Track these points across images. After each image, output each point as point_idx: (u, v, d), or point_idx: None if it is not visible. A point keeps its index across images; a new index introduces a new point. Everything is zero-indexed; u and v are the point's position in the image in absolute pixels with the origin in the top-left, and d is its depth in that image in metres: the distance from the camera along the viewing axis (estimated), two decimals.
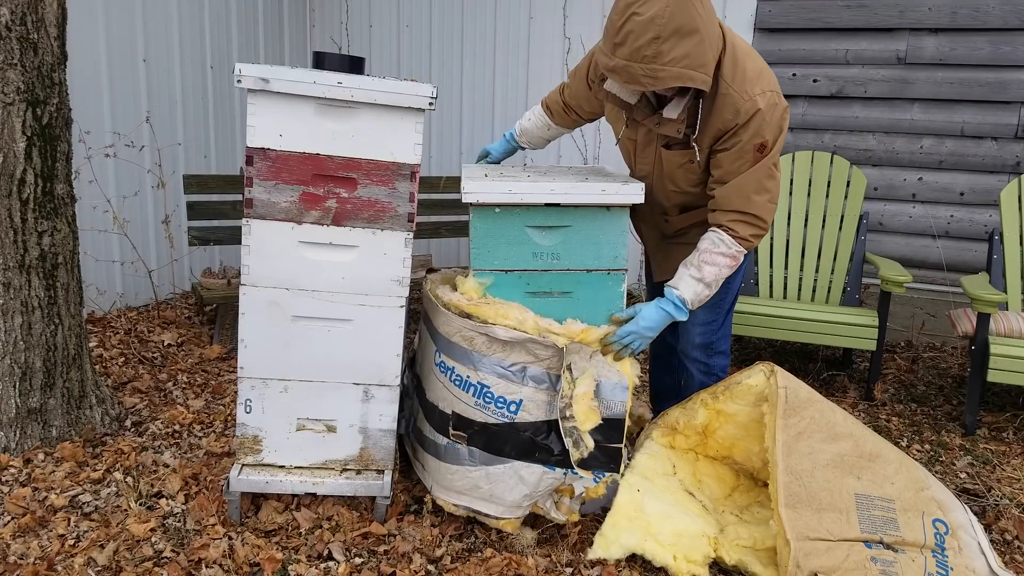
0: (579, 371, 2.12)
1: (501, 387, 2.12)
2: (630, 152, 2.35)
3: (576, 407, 2.10)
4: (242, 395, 2.21)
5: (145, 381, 3.23)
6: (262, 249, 2.12)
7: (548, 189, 2.13)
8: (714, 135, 2.06)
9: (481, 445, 2.16)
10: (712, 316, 2.41)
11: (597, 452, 2.14)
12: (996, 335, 3.18)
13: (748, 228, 2.09)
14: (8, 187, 2.41)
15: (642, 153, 2.28)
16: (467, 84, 4.95)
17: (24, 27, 2.35)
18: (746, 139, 2.02)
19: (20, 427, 2.56)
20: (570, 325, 2.16)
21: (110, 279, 4.02)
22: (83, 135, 3.69)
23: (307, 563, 2.10)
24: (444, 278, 2.44)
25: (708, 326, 2.42)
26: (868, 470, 2.10)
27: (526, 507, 2.21)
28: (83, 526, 2.22)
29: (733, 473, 2.42)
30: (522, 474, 2.16)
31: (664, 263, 2.46)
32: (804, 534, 1.95)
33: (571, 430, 2.11)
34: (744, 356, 3.97)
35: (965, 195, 4.15)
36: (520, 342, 2.08)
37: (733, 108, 2.00)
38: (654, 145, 2.22)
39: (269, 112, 2.04)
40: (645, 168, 2.30)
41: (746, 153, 2.03)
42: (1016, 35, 3.91)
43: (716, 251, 2.11)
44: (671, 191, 2.28)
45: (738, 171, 2.06)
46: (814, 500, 2.01)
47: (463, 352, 2.14)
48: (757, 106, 1.99)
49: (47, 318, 2.57)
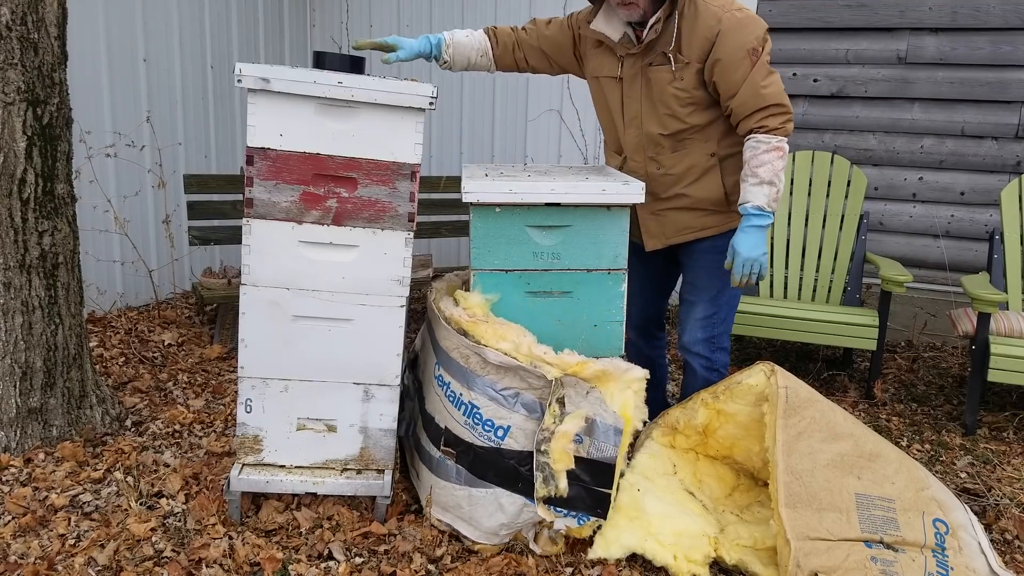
0: (573, 407, 2.05)
1: (491, 410, 2.08)
2: (615, 97, 2.41)
3: (554, 443, 2.03)
4: (242, 395, 2.21)
5: (145, 381, 3.23)
6: (262, 249, 2.13)
7: (548, 188, 2.13)
8: (700, 47, 2.20)
9: (467, 465, 2.13)
10: (713, 309, 2.45)
11: (583, 493, 2.08)
12: (996, 335, 3.18)
13: (774, 119, 2.20)
14: (8, 187, 2.41)
15: (629, 89, 2.36)
16: (467, 84, 4.95)
17: (24, 27, 2.35)
18: (735, 47, 2.17)
19: (20, 427, 2.56)
20: (565, 356, 2.09)
21: (110, 279, 4.02)
22: (83, 135, 3.70)
23: (307, 563, 2.10)
24: (449, 286, 2.42)
25: (710, 319, 2.45)
26: (868, 470, 2.10)
27: (504, 535, 2.16)
28: (83, 526, 2.22)
29: (733, 473, 2.42)
30: (502, 502, 2.11)
31: (656, 228, 2.46)
32: (804, 534, 1.95)
33: (544, 465, 2.04)
34: (744, 356, 3.97)
35: (965, 195, 4.15)
36: (511, 368, 2.04)
37: (714, 16, 2.18)
38: (639, 75, 2.32)
39: (269, 112, 2.04)
40: (633, 103, 2.36)
41: (740, 61, 2.17)
42: (1017, 35, 3.91)
43: (759, 153, 2.20)
44: (663, 115, 2.32)
45: (740, 79, 2.19)
46: (814, 500, 2.01)
47: (459, 369, 2.12)
48: (736, 17, 2.18)
49: (47, 318, 2.57)
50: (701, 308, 2.45)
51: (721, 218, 2.42)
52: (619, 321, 2.26)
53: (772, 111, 2.20)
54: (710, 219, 2.42)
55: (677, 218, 2.43)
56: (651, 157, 2.39)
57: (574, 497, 2.08)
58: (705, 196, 2.39)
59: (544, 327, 2.22)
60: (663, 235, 2.46)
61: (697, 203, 2.40)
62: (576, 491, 2.08)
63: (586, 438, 2.07)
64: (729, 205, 2.40)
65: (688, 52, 2.21)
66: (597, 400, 2.07)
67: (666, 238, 2.46)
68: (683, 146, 2.35)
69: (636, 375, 2.10)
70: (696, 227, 2.43)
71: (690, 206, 2.41)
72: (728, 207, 2.40)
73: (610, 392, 2.08)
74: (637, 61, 2.31)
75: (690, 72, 2.23)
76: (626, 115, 2.40)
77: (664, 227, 2.45)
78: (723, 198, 2.39)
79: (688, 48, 2.21)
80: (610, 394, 2.08)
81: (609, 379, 2.08)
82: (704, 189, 2.38)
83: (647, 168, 2.41)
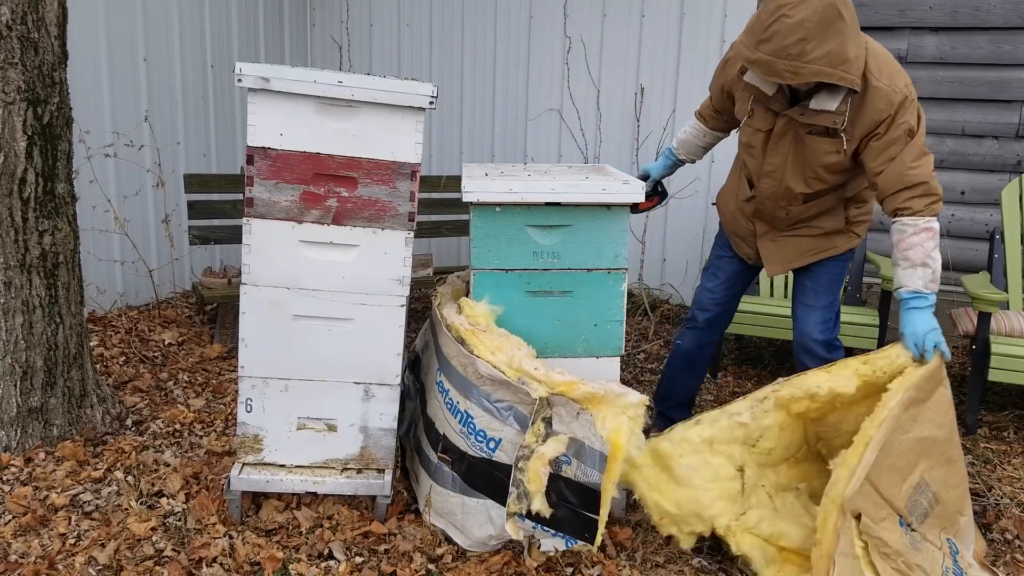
0: (563, 426, 1.99)
1: (483, 421, 2.07)
2: (758, 143, 2.37)
3: (531, 463, 1.97)
4: (243, 394, 2.21)
5: (146, 380, 3.23)
6: (263, 248, 2.12)
7: (549, 188, 2.13)
8: (867, 126, 2.16)
9: (461, 473, 2.13)
10: (829, 314, 2.50)
11: (571, 516, 2.05)
12: (997, 334, 3.18)
13: (920, 200, 2.14)
14: (9, 186, 2.41)
15: (776, 142, 2.33)
16: (467, 84, 4.95)
17: (25, 26, 2.35)
18: (897, 127, 2.14)
19: (21, 426, 2.56)
20: (554, 375, 2.01)
21: (111, 278, 4.02)
22: (83, 135, 3.69)
23: (308, 562, 2.10)
24: (454, 291, 2.42)
25: (827, 323, 2.49)
26: (941, 468, 2.14)
27: (493, 546, 2.16)
28: (84, 525, 2.22)
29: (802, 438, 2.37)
30: (492, 514, 2.10)
31: (775, 254, 2.51)
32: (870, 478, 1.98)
33: (519, 481, 1.98)
34: (744, 355, 3.97)
35: (966, 194, 4.15)
36: (501, 381, 2.02)
37: (886, 99, 2.12)
38: (791, 134, 2.28)
39: (270, 111, 2.04)
40: (776, 159, 2.34)
41: (898, 140, 2.14)
42: (1017, 34, 3.91)
43: (906, 236, 2.16)
44: (808, 178, 2.31)
45: (891, 157, 2.15)
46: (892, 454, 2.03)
47: (459, 377, 2.12)
48: (905, 96, 2.13)
49: (48, 317, 2.57)
50: (820, 312, 2.48)
51: (844, 239, 2.46)
52: (619, 321, 2.26)
53: (917, 191, 2.13)
54: (834, 240, 2.45)
55: (799, 244, 2.47)
56: (783, 206, 2.41)
57: (562, 518, 2.04)
58: (829, 227, 2.43)
59: (544, 327, 2.23)
60: (784, 260, 2.50)
61: (818, 231, 2.44)
62: (564, 512, 2.04)
63: (574, 460, 2.01)
64: (849, 227, 2.45)
65: (851, 129, 2.18)
66: (587, 423, 2.00)
67: (787, 263, 2.50)
68: (817, 196, 2.37)
69: (632, 400, 2.01)
70: (818, 248, 2.46)
71: (812, 234, 2.45)
72: (849, 230, 2.45)
73: (601, 416, 2.01)
74: (793, 123, 2.26)
75: (851, 147, 2.21)
76: (766, 166, 2.37)
77: (784, 251, 2.49)
78: (844, 227, 2.45)
79: (852, 125, 2.17)
80: (601, 418, 2.00)
81: (601, 403, 2.01)
82: (828, 222, 2.43)
83: (775, 212, 2.44)
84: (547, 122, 4.77)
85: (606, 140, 4.64)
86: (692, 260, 4.53)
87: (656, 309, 4.43)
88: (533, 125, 4.81)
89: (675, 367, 2.80)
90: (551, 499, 2.01)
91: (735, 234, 2.62)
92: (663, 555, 2.23)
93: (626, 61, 4.51)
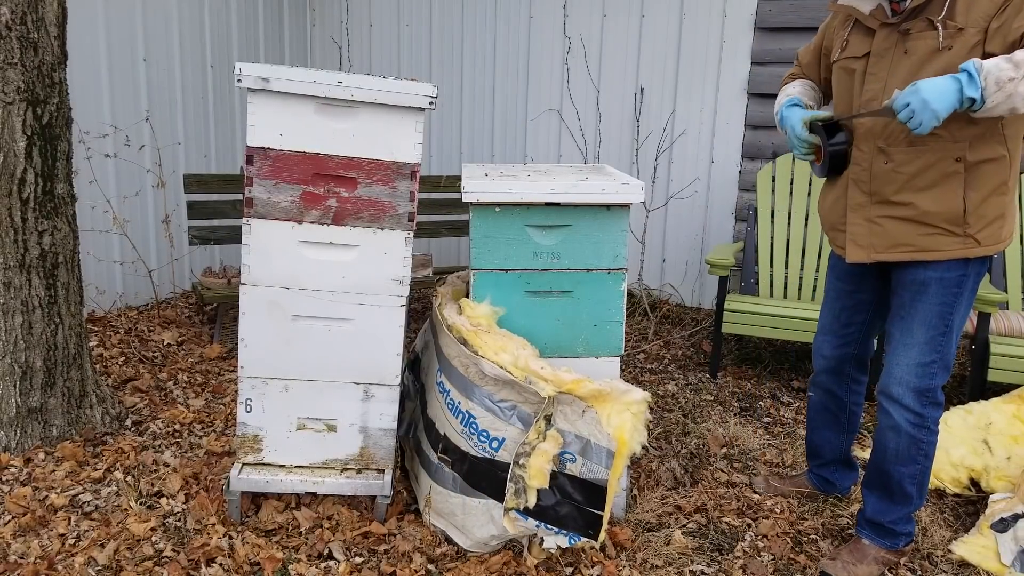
0: (569, 425, 2.01)
1: (487, 421, 2.07)
2: (857, 70, 2.04)
3: (532, 459, 1.99)
4: (242, 394, 2.22)
5: (145, 380, 3.23)
6: (262, 248, 2.13)
7: (548, 188, 2.13)
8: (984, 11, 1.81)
9: (462, 474, 2.13)
10: (932, 356, 2.00)
11: (575, 513, 2.04)
12: (996, 334, 3.18)
13: None
14: (8, 186, 2.41)
15: (874, 66, 1.98)
16: (467, 84, 4.95)
17: (24, 26, 2.35)
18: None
19: (20, 426, 2.56)
20: (561, 373, 2.03)
21: (110, 278, 4.02)
22: (83, 135, 3.70)
23: (307, 562, 2.10)
24: (455, 292, 2.42)
25: (927, 368, 2.01)
26: None
27: (494, 546, 2.16)
28: (83, 525, 2.22)
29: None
30: (493, 514, 2.09)
31: (863, 235, 2.04)
32: None
33: (518, 477, 2.00)
34: (744, 356, 3.97)
35: None
36: (507, 381, 2.02)
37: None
38: (893, 49, 1.94)
39: (269, 111, 2.04)
40: (875, 84, 1.98)
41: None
42: None
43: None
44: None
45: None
46: None
47: (460, 377, 2.12)
48: None
49: (47, 317, 2.57)
50: (917, 352, 2.00)
51: (953, 242, 1.93)
52: (619, 321, 2.26)
53: None
54: (937, 240, 1.95)
55: (894, 229, 1.99)
56: (881, 148, 1.97)
57: (566, 515, 2.04)
58: (937, 210, 1.93)
59: (544, 326, 2.23)
60: (871, 247, 2.03)
61: (924, 216, 1.94)
62: (568, 510, 2.04)
63: (579, 458, 2.03)
64: (966, 227, 1.92)
65: (963, 17, 1.83)
66: (593, 420, 2.02)
67: (874, 251, 2.03)
68: (923, 141, 1.91)
69: (635, 397, 2.05)
70: (915, 246, 1.97)
71: (914, 218, 1.96)
72: (964, 229, 1.92)
73: (606, 413, 2.03)
74: (893, 32, 1.93)
75: (962, 42, 1.83)
76: (864, 96, 2.00)
77: (874, 237, 2.02)
78: (960, 216, 1.92)
79: (964, 13, 1.83)
80: (606, 415, 2.02)
81: (606, 400, 2.03)
82: (938, 201, 1.92)
83: (873, 162, 1.99)
84: (547, 122, 4.77)
85: (606, 140, 4.64)
86: (692, 260, 4.53)
87: (656, 309, 4.43)
88: (533, 125, 4.81)
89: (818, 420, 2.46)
90: (555, 496, 2.02)
91: (833, 227, 2.17)
92: (663, 556, 2.23)
93: (626, 61, 4.51)
